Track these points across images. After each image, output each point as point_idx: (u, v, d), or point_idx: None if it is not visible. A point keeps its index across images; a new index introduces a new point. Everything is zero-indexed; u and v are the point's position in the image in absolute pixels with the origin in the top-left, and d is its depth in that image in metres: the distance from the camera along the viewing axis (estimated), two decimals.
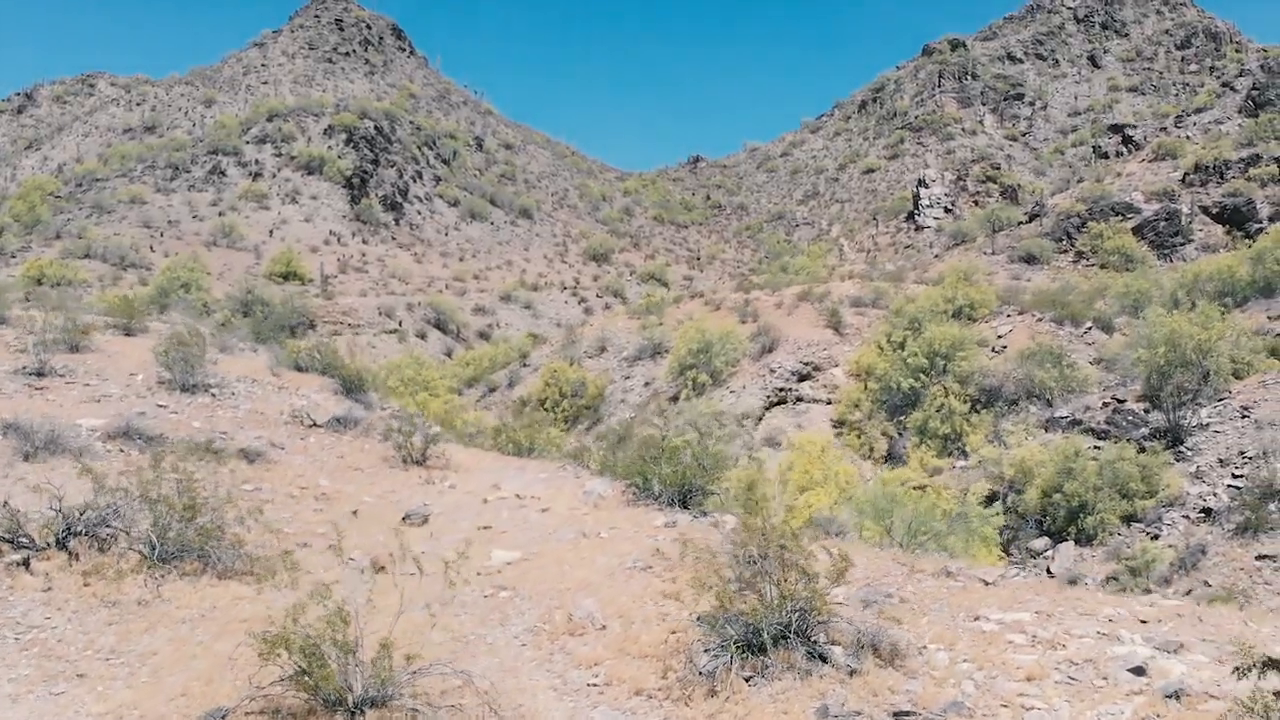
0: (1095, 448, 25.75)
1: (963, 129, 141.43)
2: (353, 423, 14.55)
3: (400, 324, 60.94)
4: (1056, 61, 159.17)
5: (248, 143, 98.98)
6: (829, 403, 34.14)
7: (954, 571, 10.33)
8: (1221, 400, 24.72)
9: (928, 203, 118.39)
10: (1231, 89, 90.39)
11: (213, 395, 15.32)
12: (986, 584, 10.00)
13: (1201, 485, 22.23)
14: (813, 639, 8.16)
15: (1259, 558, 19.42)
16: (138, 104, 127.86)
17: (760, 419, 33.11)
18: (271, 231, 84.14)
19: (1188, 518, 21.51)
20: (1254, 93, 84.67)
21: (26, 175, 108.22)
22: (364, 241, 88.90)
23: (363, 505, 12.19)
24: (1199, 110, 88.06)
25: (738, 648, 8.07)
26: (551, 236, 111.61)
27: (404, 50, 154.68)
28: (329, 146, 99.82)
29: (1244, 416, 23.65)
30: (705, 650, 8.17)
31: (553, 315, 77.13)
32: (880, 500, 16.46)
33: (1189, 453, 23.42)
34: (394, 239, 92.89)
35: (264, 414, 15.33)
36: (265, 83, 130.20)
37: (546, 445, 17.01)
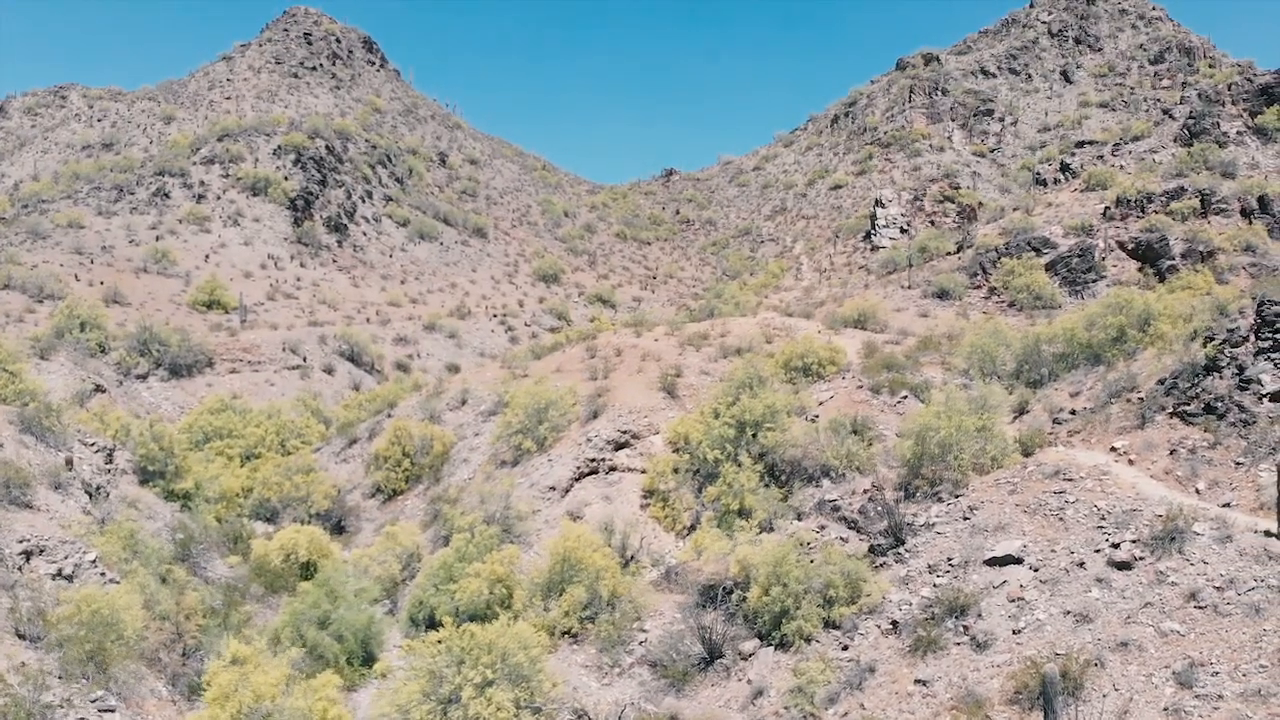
0: (840, 539, 26.04)
1: (930, 145, 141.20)
2: None
3: (305, 359, 61.41)
4: (1029, 76, 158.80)
5: (195, 163, 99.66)
6: (644, 472, 34.40)
7: None
8: (958, 498, 24.84)
9: (884, 223, 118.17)
10: (1171, 117, 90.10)
11: None
12: None
13: (905, 592, 22.42)
14: None
15: (917, 681, 19.61)
16: (99, 120, 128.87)
17: (568, 490, 33.37)
18: (207, 256, 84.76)
19: (879, 628, 21.72)
20: (1190, 122, 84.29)
21: None
22: (302, 265, 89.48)
23: None
24: (1136, 139, 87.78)
25: None
26: (503, 256, 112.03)
27: (374, 64, 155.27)
28: (277, 167, 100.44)
29: (966, 519, 23.76)
30: None
31: (477, 345, 77.50)
32: None
33: (907, 555, 23.56)
34: (335, 262, 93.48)
35: None
36: (229, 98, 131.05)
37: None
